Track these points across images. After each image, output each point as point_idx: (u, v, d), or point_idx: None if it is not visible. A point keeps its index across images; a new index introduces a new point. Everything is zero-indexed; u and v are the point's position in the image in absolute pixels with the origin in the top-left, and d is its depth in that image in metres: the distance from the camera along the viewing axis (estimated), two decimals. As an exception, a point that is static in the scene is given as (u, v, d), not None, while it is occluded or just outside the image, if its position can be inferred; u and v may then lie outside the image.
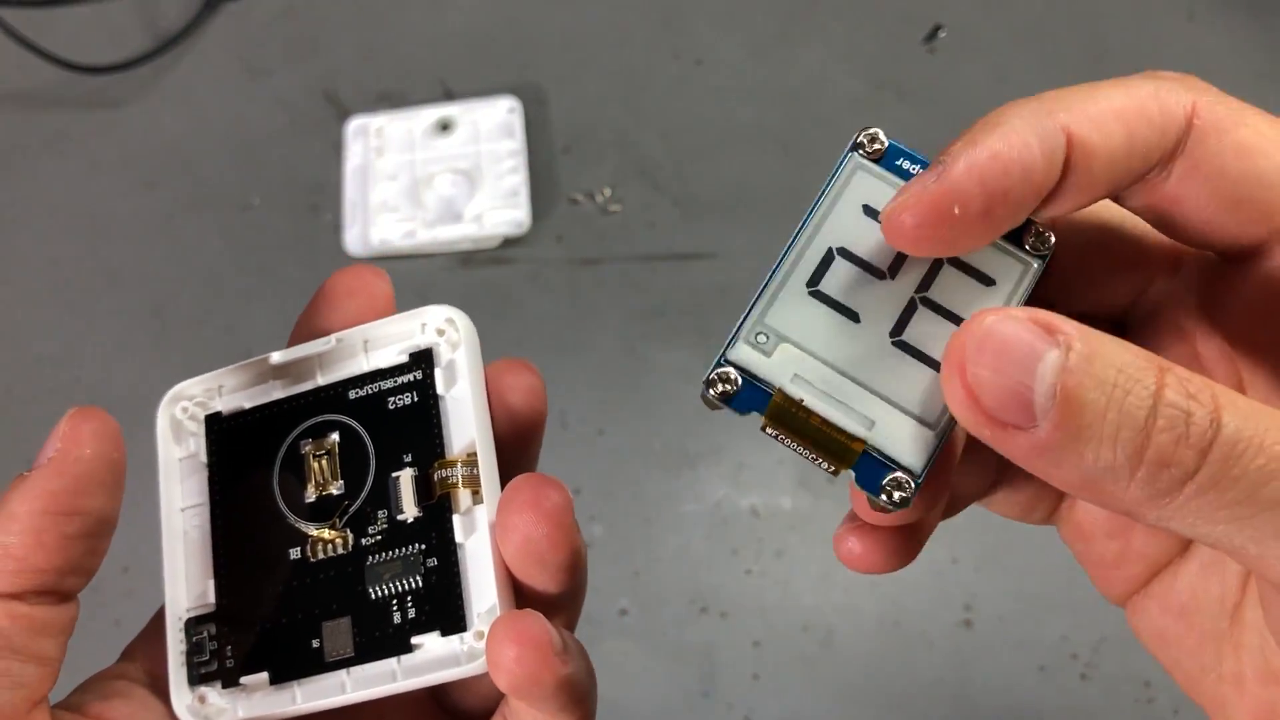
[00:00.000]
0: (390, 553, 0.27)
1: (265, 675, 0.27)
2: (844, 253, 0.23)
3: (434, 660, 0.26)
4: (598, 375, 0.59)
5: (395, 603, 0.27)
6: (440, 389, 0.28)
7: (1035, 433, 0.18)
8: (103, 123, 0.67)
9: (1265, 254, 0.22)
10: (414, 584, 0.27)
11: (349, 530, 0.28)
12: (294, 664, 0.27)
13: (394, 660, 0.26)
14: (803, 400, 0.22)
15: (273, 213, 0.64)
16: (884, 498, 0.22)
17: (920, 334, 0.22)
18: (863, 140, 0.23)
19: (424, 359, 0.28)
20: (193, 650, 0.27)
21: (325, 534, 0.28)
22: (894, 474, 0.22)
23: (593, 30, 0.68)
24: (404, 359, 0.28)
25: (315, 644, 0.27)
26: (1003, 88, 0.65)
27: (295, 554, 0.28)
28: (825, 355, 0.22)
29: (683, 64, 0.67)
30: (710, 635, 0.53)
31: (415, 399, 0.28)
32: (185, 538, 0.29)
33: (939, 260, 0.23)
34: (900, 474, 0.22)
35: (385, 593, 0.27)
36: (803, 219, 0.23)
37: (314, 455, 0.28)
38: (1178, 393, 0.18)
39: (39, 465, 0.25)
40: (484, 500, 0.26)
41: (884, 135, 0.23)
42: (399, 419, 0.28)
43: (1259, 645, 0.23)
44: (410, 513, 0.27)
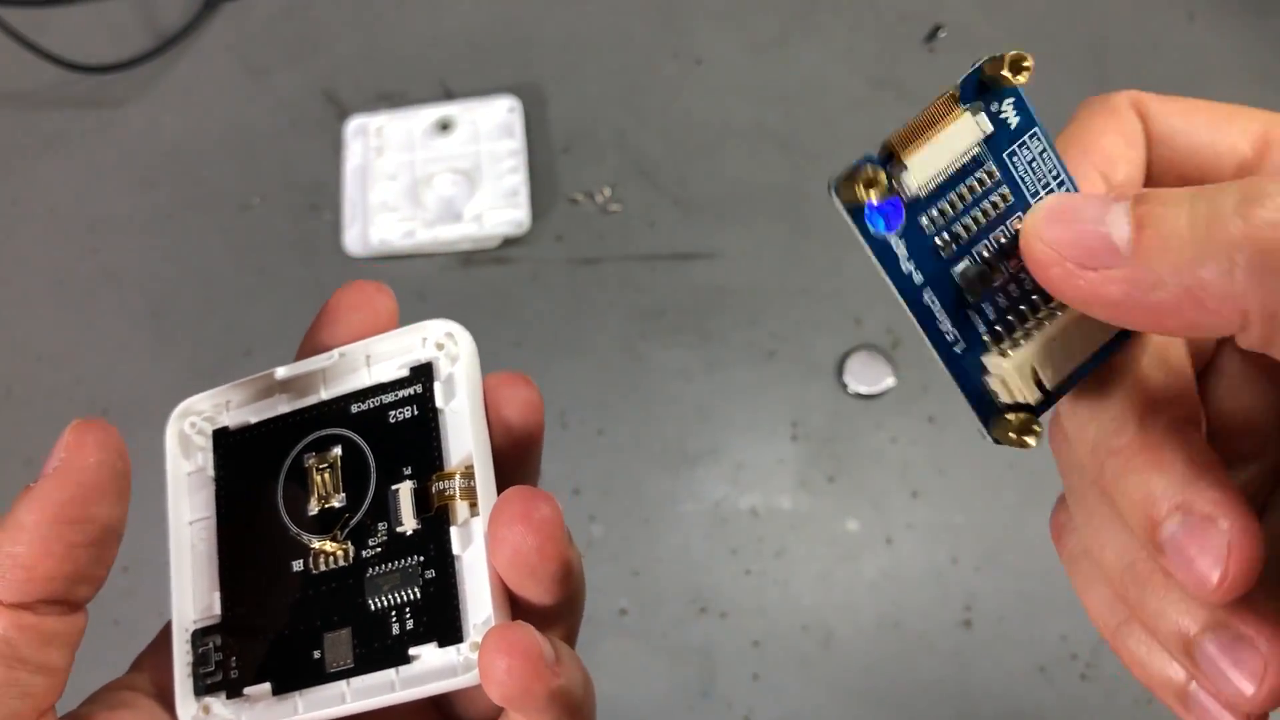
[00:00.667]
0: (389, 565, 0.27)
1: (268, 686, 0.27)
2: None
3: (431, 671, 0.26)
4: (598, 375, 0.59)
5: (394, 614, 0.27)
6: (439, 402, 0.28)
7: (1124, 267, 0.18)
8: (102, 123, 0.67)
9: None
10: (412, 595, 0.27)
11: (350, 542, 0.28)
12: (296, 674, 0.27)
13: (393, 671, 0.27)
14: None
15: (272, 212, 0.64)
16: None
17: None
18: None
19: (424, 373, 0.29)
20: (198, 661, 0.28)
21: (327, 546, 0.28)
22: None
23: (593, 30, 0.68)
24: (404, 373, 0.29)
25: (317, 655, 0.27)
26: (1003, 88, 0.65)
27: (298, 566, 0.28)
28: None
29: (683, 64, 0.67)
30: (710, 635, 0.53)
31: (415, 412, 0.28)
32: (193, 551, 0.29)
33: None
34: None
35: (384, 604, 0.27)
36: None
37: (317, 468, 0.29)
38: (1260, 187, 0.17)
39: (45, 475, 0.25)
40: (480, 512, 0.27)
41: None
42: (399, 432, 0.28)
43: None
44: (409, 525, 0.27)
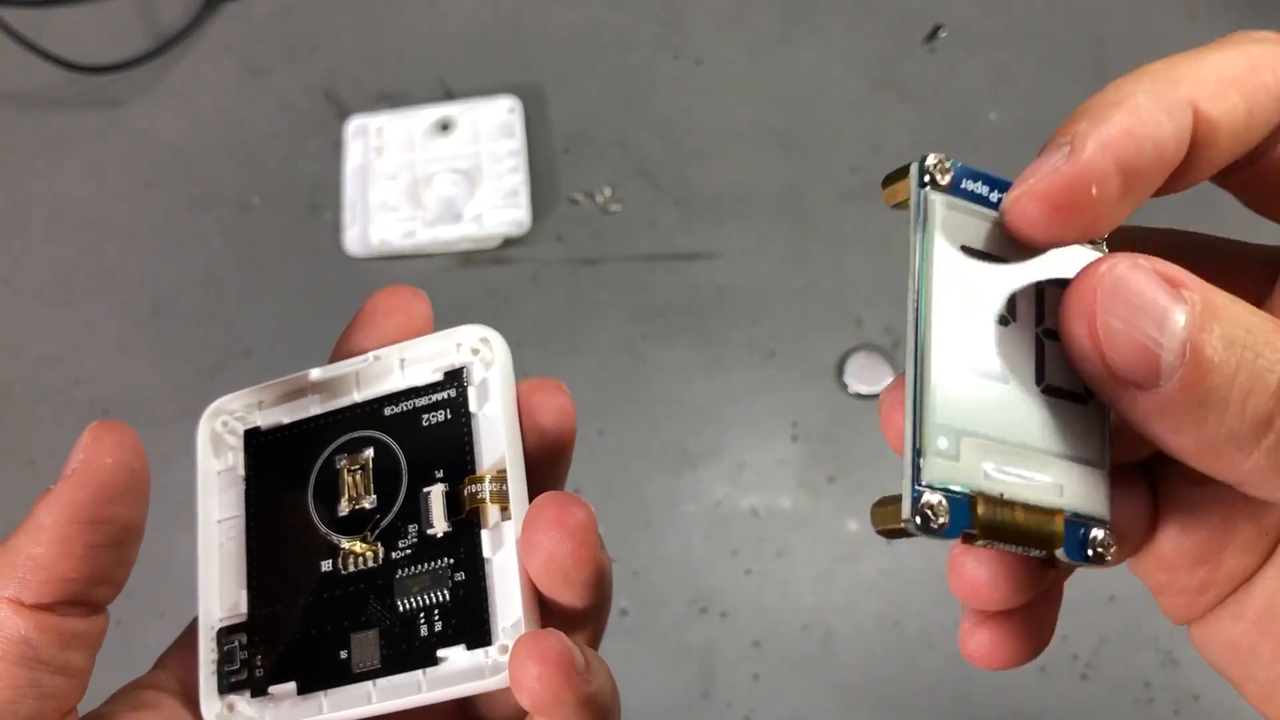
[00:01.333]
0: (419, 566, 0.27)
1: (293, 685, 0.27)
2: (968, 311, 0.20)
3: (459, 673, 0.26)
4: (598, 375, 0.59)
5: (423, 616, 0.27)
6: (473, 407, 0.28)
7: (1159, 393, 0.17)
8: (102, 123, 0.67)
9: None
10: (441, 597, 0.27)
11: (380, 544, 0.28)
12: (322, 674, 0.27)
13: (420, 672, 0.27)
14: (1002, 495, 0.20)
15: (272, 212, 0.64)
16: (1093, 557, 0.20)
17: (1058, 371, 0.21)
18: (930, 170, 0.20)
19: (458, 377, 0.29)
20: (224, 659, 0.28)
21: (357, 547, 0.28)
22: (1093, 531, 0.20)
23: (593, 30, 0.68)
24: (438, 377, 0.29)
25: (343, 655, 0.27)
26: (1003, 87, 0.65)
27: (327, 566, 0.28)
28: (998, 433, 0.20)
29: (683, 64, 0.67)
30: (710, 635, 0.53)
31: (448, 416, 0.29)
32: (220, 549, 0.29)
33: (1041, 286, 0.21)
34: (1097, 529, 0.20)
35: (413, 605, 0.27)
36: (913, 291, 0.20)
37: (349, 470, 0.29)
38: None
39: (63, 477, 0.25)
40: (512, 516, 0.27)
41: (946, 159, 0.20)
42: (432, 435, 0.28)
43: None
44: (440, 527, 0.27)
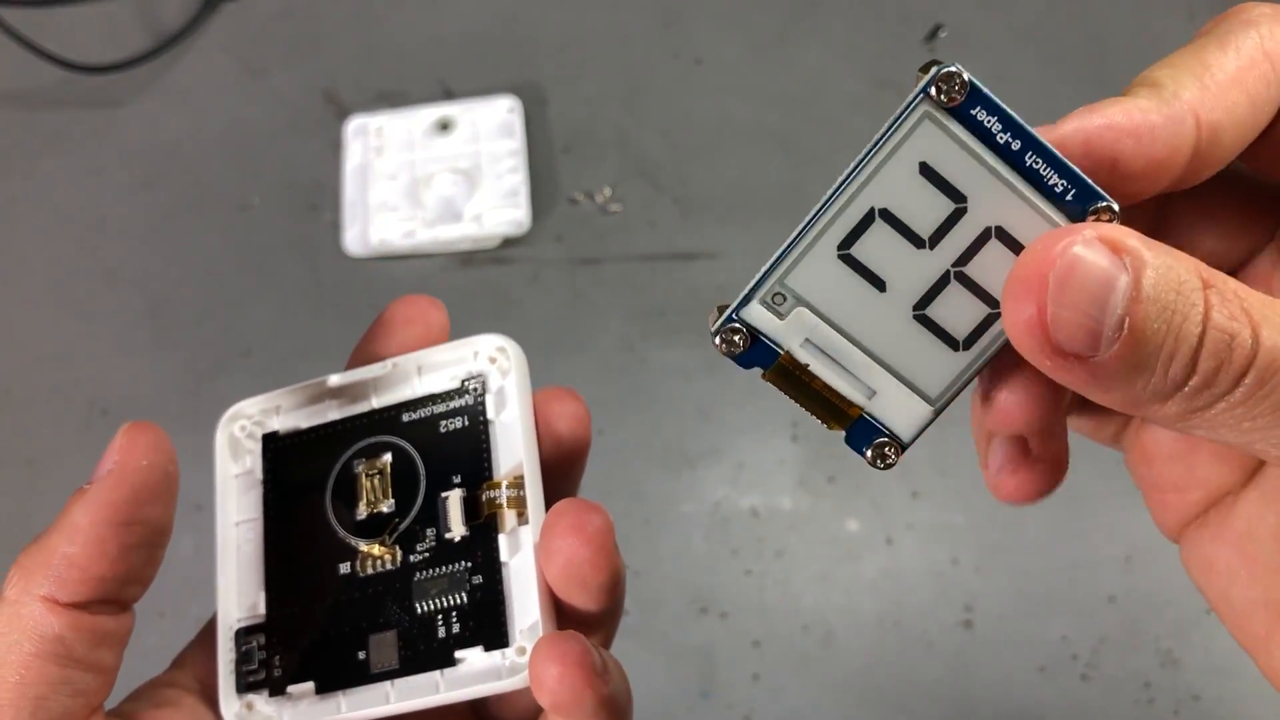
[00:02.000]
0: (437, 569, 0.28)
1: (311, 685, 0.28)
2: (886, 215, 0.21)
3: (476, 674, 0.27)
4: (598, 375, 0.59)
5: (440, 618, 0.28)
6: (490, 414, 0.29)
7: (1094, 361, 0.19)
8: (102, 122, 0.67)
9: None
10: (459, 600, 0.28)
11: (398, 547, 0.29)
12: (340, 674, 0.28)
13: (438, 673, 0.27)
14: (808, 365, 0.21)
15: (272, 212, 0.64)
16: (870, 457, 0.22)
17: (947, 310, 0.21)
18: (939, 82, 0.20)
19: (476, 385, 0.30)
20: (242, 659, 0.28)
21: (375, 550, 0.29)
22: (882, 439, 0.22)
23: (593, 30, 0.68)
24: (456, 384, 0.30)
25: (361, 655, 0.28)
26: (1003, 87, 0.64)
27: (345, 568, 0.29)
28: (841, 324, 0.21)
29: (682, 64, 0.67)
30: (710, 635, 0.53)
31: (466, 423, 0.29)
32: (239, 551, 0.30)
33: (986, 233, 0.21)
34: (887, 440, 0.22)
35: (431, 608, 0.28)
36: (849, 169, 0.21)
37: (367, 474, 0.29)
38: (1222, 314, 0.18)
39: (98, 478, 0.26)
40: (529, 521, 0.27)
41: (967, 74, 0.20)
42: (450, 442, 0.29)
43: None
44: (458, 532, 0.28)
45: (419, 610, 0.28)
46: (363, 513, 0.29)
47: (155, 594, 0.28)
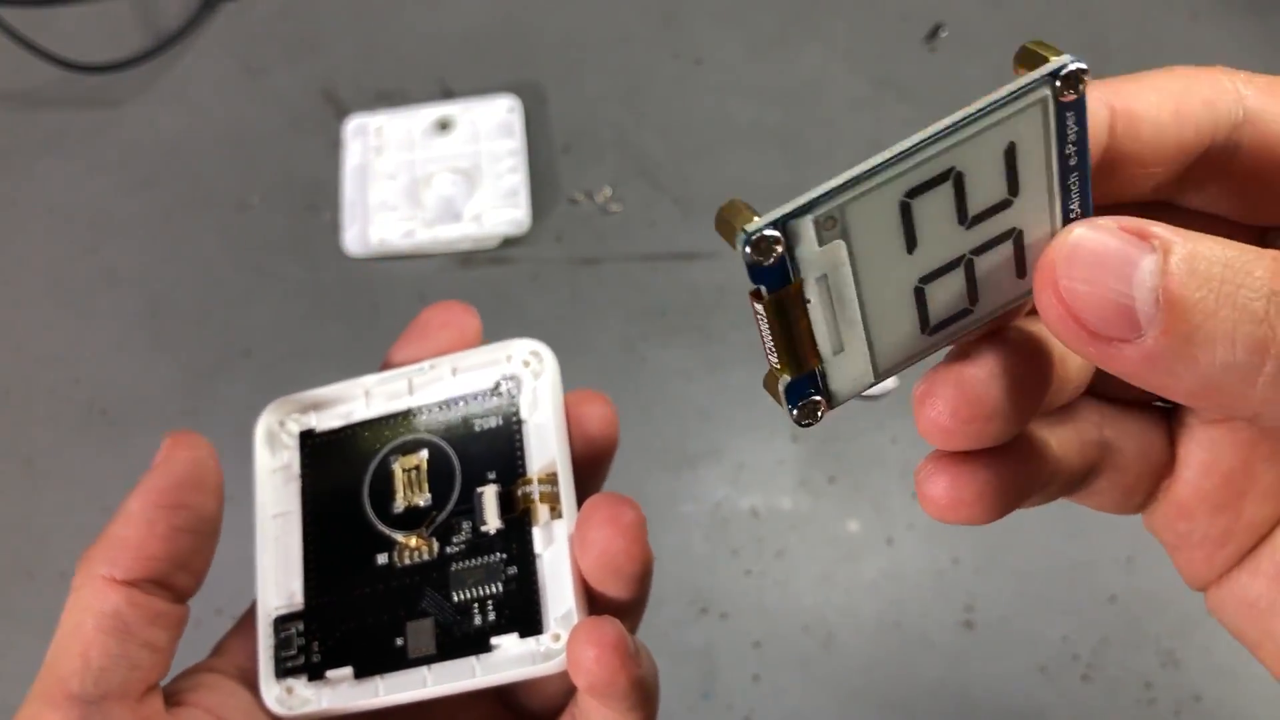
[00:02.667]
0: (473, 560, 0.30)
1: (349, 670, 0.29)
2: (958, 181, 0.20)
3: (512, 659, 0.28)
4: (598, 375, 0.59)
5: (477, 606, 0.29)
6: (524, 414, 0.31)
7: (1143, 343, 0.17)
8: (101, 122, 0.67)
9: None
10: (495, 590, 0.29)
11: (434, 539, 0.30)
12: (377, 660, 0.29)
13: (474, 658, 0.29)
14: (809, 303, 0.20)
15: (271, 212, 0.64)
16: (797, 415, 0.21)
17: (940, 292, 0.21)
18: (1066, 76, 0.20)
19: (510, 385, 0.31)
20: (280, 645, 0.30)
21: (413, 541, 0.30)
22: (816, 398, 0.21)
23: (593, 30, 0.68)
24: (491, 385, 0.31)
25: (399, 642, 0.29)
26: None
27: (383, 559, 0.30)
28: (862, 270, 0.20)
29: (682, 64, 0.67)
30: (710, 636, 0.53)
31: (500, 422, 0.31)
32: (276, 543, 0.31)
33: (1009, 233, 0.21)
34: (821, 400, 0.21)
35: (468, 597, 0.29)
36: (950, 122, 0.20)
37: (403, 470, 0.31)
38: None
39: (146, 474, 0.28)
40: (562, 515, 0.29)
41: (1085, 83, 0.20)
42: (484, 440, 0.31)
43: None
44: (493, 525, 0.30)
45: (456, 599, 0.29)
46: (400, 506, 0.30)
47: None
